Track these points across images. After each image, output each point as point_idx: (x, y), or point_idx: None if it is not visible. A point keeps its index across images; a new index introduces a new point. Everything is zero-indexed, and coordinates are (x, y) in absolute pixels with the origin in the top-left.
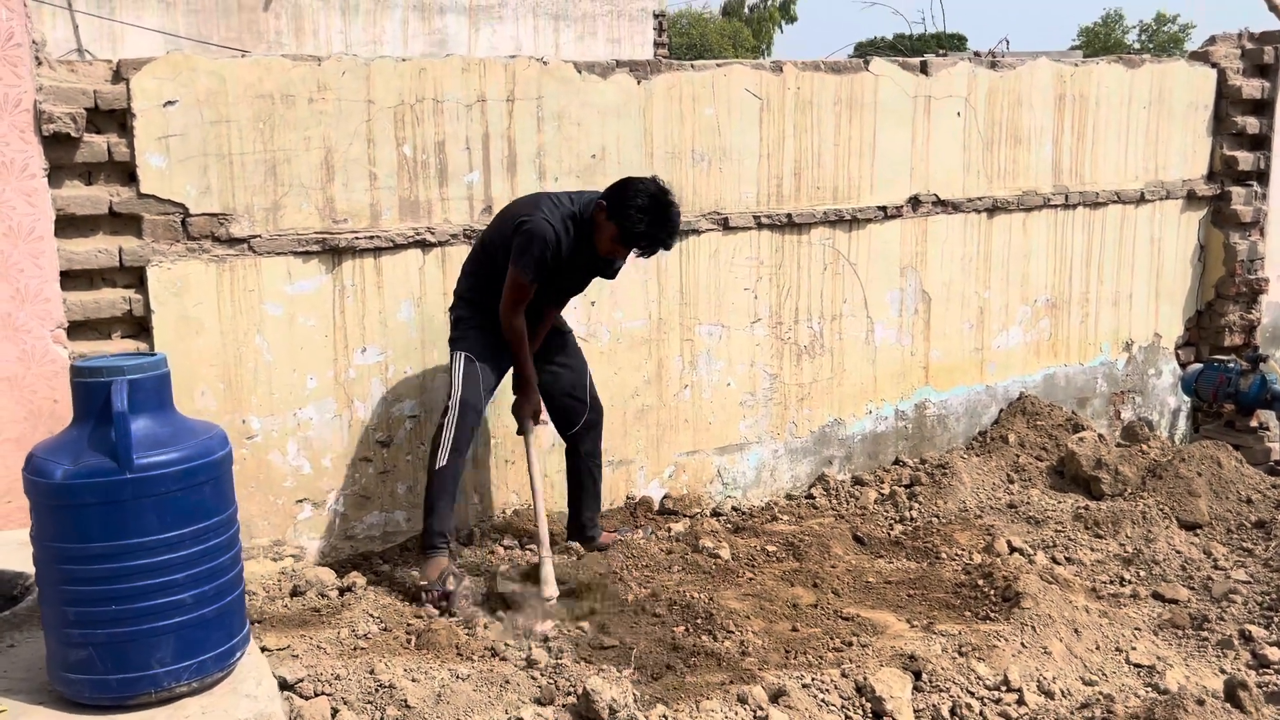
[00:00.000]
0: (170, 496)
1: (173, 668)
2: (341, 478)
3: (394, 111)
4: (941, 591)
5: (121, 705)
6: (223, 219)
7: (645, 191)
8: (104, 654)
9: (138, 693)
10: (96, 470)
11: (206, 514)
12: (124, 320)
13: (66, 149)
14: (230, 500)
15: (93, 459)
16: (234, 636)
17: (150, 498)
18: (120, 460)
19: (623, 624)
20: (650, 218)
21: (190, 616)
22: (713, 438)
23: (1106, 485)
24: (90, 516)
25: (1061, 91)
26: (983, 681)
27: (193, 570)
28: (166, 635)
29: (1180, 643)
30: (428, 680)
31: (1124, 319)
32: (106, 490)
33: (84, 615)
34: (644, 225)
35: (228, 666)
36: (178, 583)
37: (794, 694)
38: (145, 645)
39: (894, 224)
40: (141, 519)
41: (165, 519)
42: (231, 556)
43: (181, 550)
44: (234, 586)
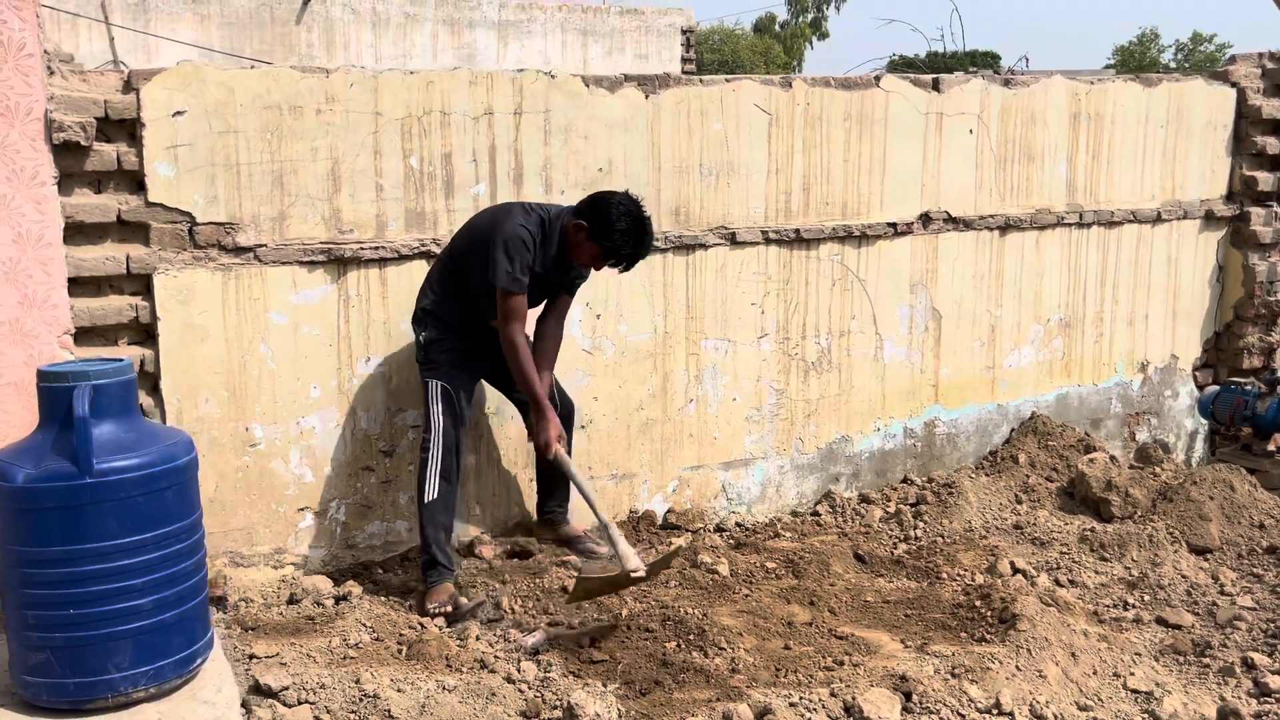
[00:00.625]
0: (131, 501)
1: (130, 673)
2: (343, 486)
3: (401, 123)
4: (939, 612)
5: (78, 710)
6: (229, 228)
7: (628, 214)
8: (62, 657)
9: (94, 697)
10: (56, 474)
11: (168, 520)
12: (130, 327)
13: (76, 157)
14: (194, 507)
15: (54, 463)
16: (195, 643)
17: (110, 502)
18: (80, 465)
19: (614, 639)
20: (634, 240)
21: (149, 622)
22: (718, 453)
23: (1116, 507)
24: (50, 520)
25: (1076, 110)
26: (974, 704)
27: (152, 576)
28: (124, 640)
29: (1181, 669)
30: (413, 691)
31: (1140, 339)
32: (66, 494)
33: (42, 619)
34: (629, 246)
35: (187, 673)
36: (136, 588)
37: (780, 712)
38: (103, 650)
39: (904, 241)
40: (100, 523)
41: (125, 524)
42: (194, 563)
43: (141, 555)
44: (195, 593)
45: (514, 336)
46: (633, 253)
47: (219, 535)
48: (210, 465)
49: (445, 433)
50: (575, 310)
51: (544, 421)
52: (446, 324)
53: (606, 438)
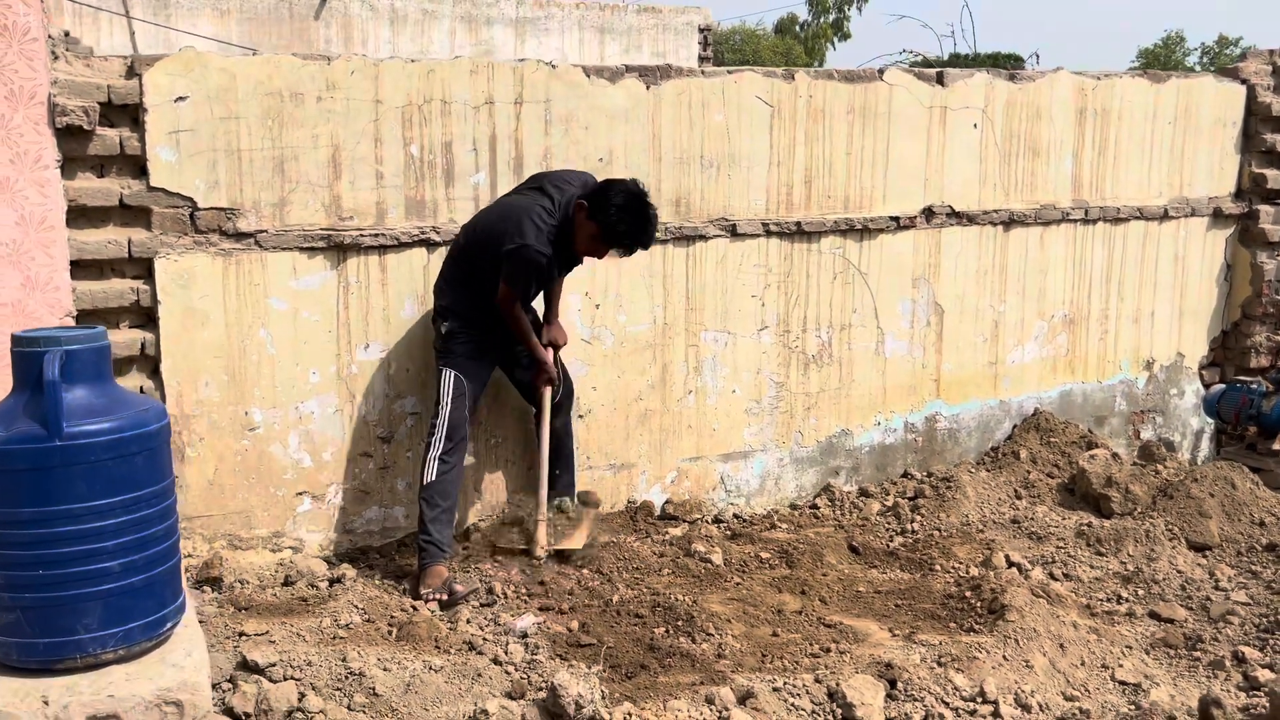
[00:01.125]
0: (100, 465)
1: (99, 634)
2: (342, 472)
3: (402, 111)
4: (929, 603)
5: (48, 669)
6: (230, 213)
7: (625, 191)
8: (31, 618)
9: (63, 657)
10: (27, 437)
11: (138, 484)
12: (131, 310)
13: (79, 141)
14: (165, 473)
15: (25, 426)
16: (165, 607)
17: (80, 465)
18: (50, 428)
19: (603, 623)
20: (631, 217)
21: (118, 585)
22: (717, 444)
23: (1116, 504)
24: (20, 482)
25: (1083, 105)
26: (959, 692)
27: (121, 539)
28: (94, 602)
29: (1171, 662)
30: (400, 670)
31: (1145, 337)
32: (36, 456)
33: (12, 579)
34: (625, 225)
35: (157, 636)
36: (106, 550)
37: (763, 697)
38: (72, 611)
39: (907, 234)
40: (70, 486)
41: (95, 487)
42: (165, 528)
43: (111, 519)
44: (166, 558)
45: (514, 311)
46: (629, 232)
47: (218, 518)
48: (209, 448)
49: (451, 420)
50: (574, 299)
51: (537, 371)
52: (464, 318)
53: (605, 427)
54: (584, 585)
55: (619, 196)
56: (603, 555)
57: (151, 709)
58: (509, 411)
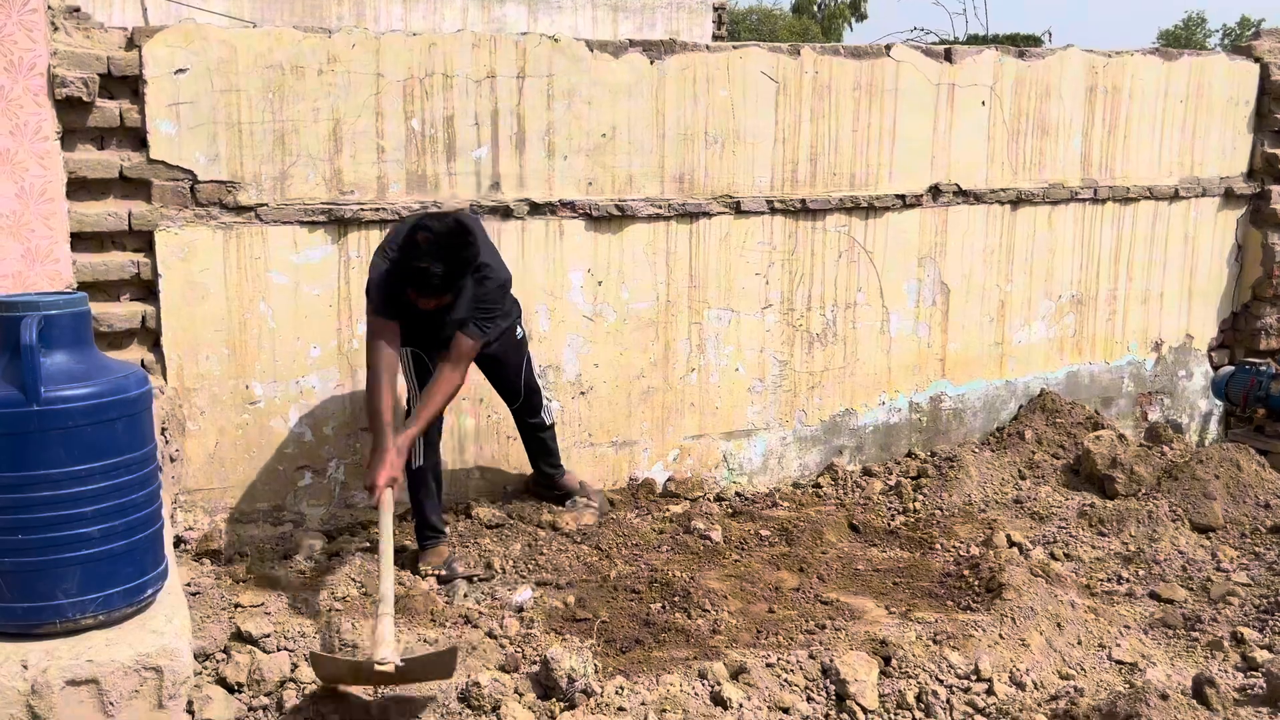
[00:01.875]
0: (78, 430)
1: (78, 599)
2: (342, 446)
3: (403, 85)
4: (927, 581)
5: (27, 634)
6: (230, 187)
7: (421, 225)
8: (10, 582)
9: (43, 622)
10: (4, 401)
11: (117, 450)
12: (132, 283)
13: (79, 113)
14: (147, 440)
15: (2, 390)
16: (145, 574)
17: (57, 430)
18: (28, 392)
19: (600, 598)
20: (427, 249)
21: (97, 550)
22: (719, 422)
23: (1121, 485)
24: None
25: (1093, 83)
26: (954, 670)
27: (100, 505)
28: (73, 567)
29: (1170, 642)
30: None
31: (1154, 318)
32: (13, 421)
33: None
34: (421, 260)
35: (138, 602)
36: (85, 516)
37: (756, 672)
38: (51, 576)
39: (913, 213)
40: (48, 451)
41: (73, 452)
42: (145, 495)
43: (89, 484)
44: (147, 524)
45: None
46: (418, 273)
47: (218, 491)
48: (210, 422)
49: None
50: (575, 276)
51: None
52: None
53: (607, 404)
54: (582, 560)
55: (409, 232)
56: (603, 531)
57: (131, 674)
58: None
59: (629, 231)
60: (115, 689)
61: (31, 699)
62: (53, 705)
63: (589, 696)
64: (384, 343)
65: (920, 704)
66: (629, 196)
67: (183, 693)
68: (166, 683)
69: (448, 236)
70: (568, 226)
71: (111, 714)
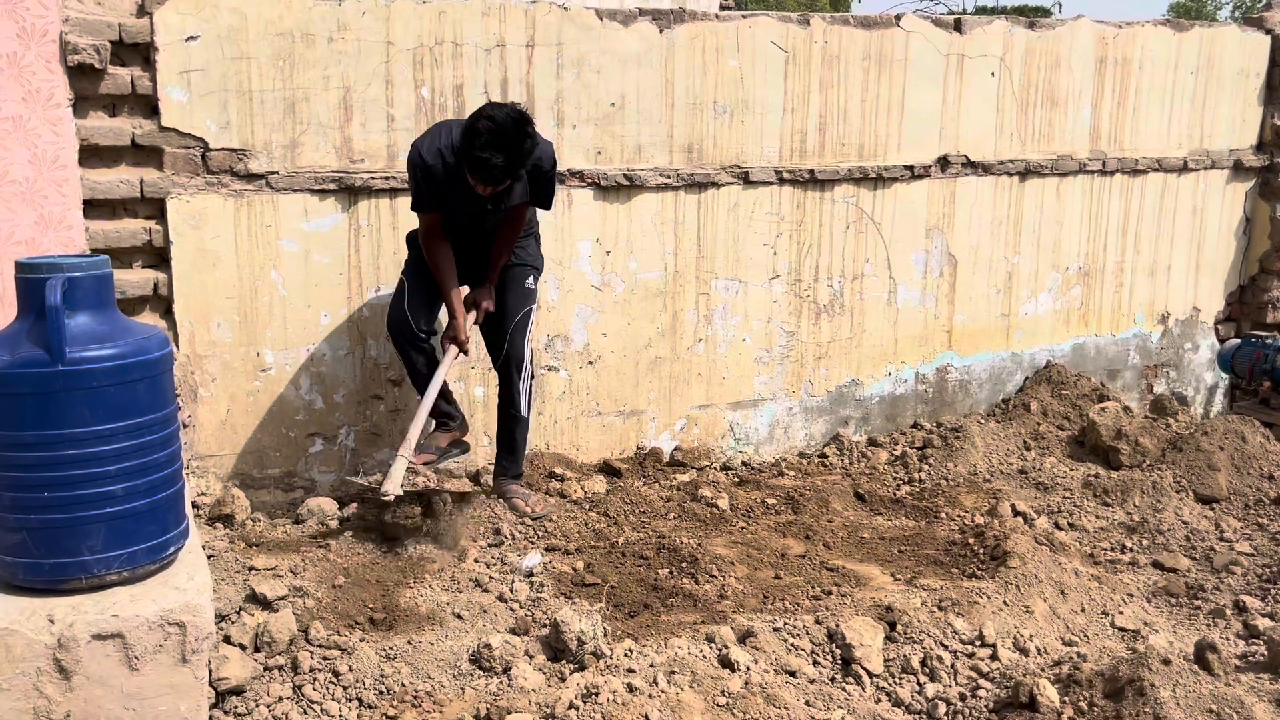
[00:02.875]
0: (102, 391)
1: (103, 556)
2: (353, 414)
3: (413, 54)
4: (933, 549)
5: (54, 589)
6: (241, 154)
7: (487, 115)
8: (37, 539)
9: (69, 577)
10: (30, 362)
11: (140, 411)
12: (144, 250)
13: (91, 80)
14: (168, 401)
15: (28, 351)
16: (168, 532)
17: (82, 390)
18: (53, 353)
19: (608, 563)
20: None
21: (121, 508)
22: (726, 392)
23: (1125, 456)
24: (24, 406)
25: (1103, 54)
26: (958, 635)
27: (124, 464)
28: (97, 524)
29: (1172, 610)
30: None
31: (1161, 291)
32: (39, 381)
33: (19, 500)
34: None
35: (160, 560)
36: (109, 474)
37: (763, 636)
38: (77, 532)
39: (921, 184)
40: (73, 411)
41: (97, 412)
42: (167, 455)
43: (113, 444)
44: (169, 484)
45: (427, 246)
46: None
47: (230, 457)
48: (222, 389)
49: (389, 321)
50: (584, 246)
51: (449, 323)
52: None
53: (615, 374)
54: (591, 527)
55: (481, 121)
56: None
57: (155, 629)
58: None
59: (637, 201)
60: (140, 643)
61: (58, 652)
62: (79, 659)
63: (599, 659)
64: (441, 232)
65: (925, 668)
66: (638, 166)
67: (205, 648)
68: (190, 638)
69: (512, 125)
70: (576, 196)
71: (136, 668)
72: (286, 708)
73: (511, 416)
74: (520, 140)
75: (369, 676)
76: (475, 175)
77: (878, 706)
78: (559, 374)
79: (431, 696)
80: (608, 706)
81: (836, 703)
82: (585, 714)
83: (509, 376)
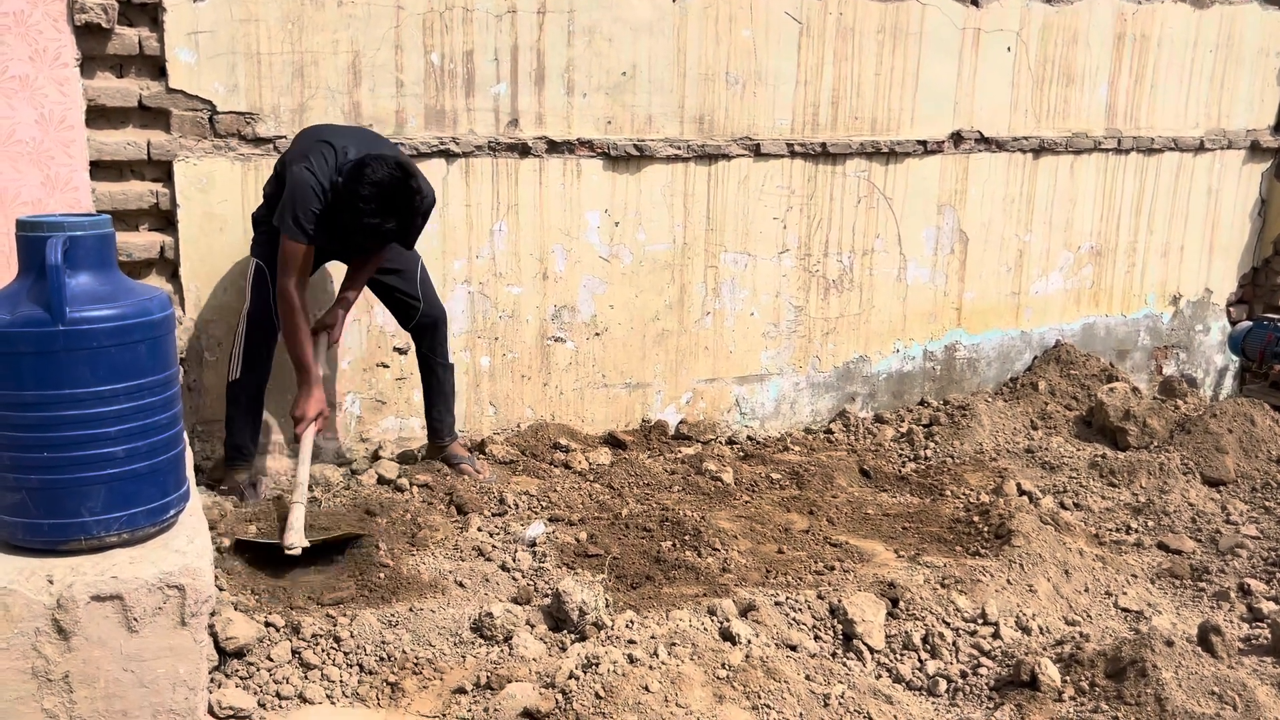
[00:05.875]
0: (103, 351)
1: (103, 517)
2: (359, 381)
3: (423, 18)
4: (937, 526)
5: (53, 549)
6: (249, 118)
7: (371, 180)
8: (37, 499)
9: (69, 538)
10: (31, 320)
11: (141, 372)
12: (150, 213)
13: (98, 40)
14: (169, 363)
15: (29, 310)
16: (169, 494)
17: (82, 350)
18: (54, 312)
19: (611, 535)
20: (376, 208)
21: (121, 470)
22: (733, 366)
23: (1133, 437)
24: (24, 365)
25: (1121, 30)
26: (960, 613)
27: (124, 425)
28: (97, 485)
29: (1176, 592)
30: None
31: (1173, 271)
32: (39, 340)
33: (18, 460)
34: (369, 217)
35: (161, 522)
36: (109, 435)
37: (764, 610)
38: (76, 493)
39: (934, 159)
40: (73, 370)
41: (98, 372)
42: (168, 417)
43: (114, 405)
44: (170, 446)
45: (286, 287)
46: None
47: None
48: (228, 354)
49: (250, 318)
50: (592, 216)
51: (300, 396)
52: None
53: (621, 346)
54: (594, 498)
55: (365, 187)
56: (614, 472)
57: (154, 591)
58: (523, 323)
59: (647, 172)
60: (139, 605)
61: (57, 612)
62: (78, 619)
63: (600, 629)
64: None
65: (926, 645)
66: (648, 136)
67: (204, 611)
68: (189, 601)
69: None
70: (585, 166)
71: (135, 630)
72: (288, 672)
73: (440, 365)
74: (409, 199)
75: (370, 643)
76: (368, 240)
77: (878, 682)
78: (565, 345)
79: (432, 664)
80: (608, 677)
81: (837, 677)
82: (585, 684)
83: (435, 329)
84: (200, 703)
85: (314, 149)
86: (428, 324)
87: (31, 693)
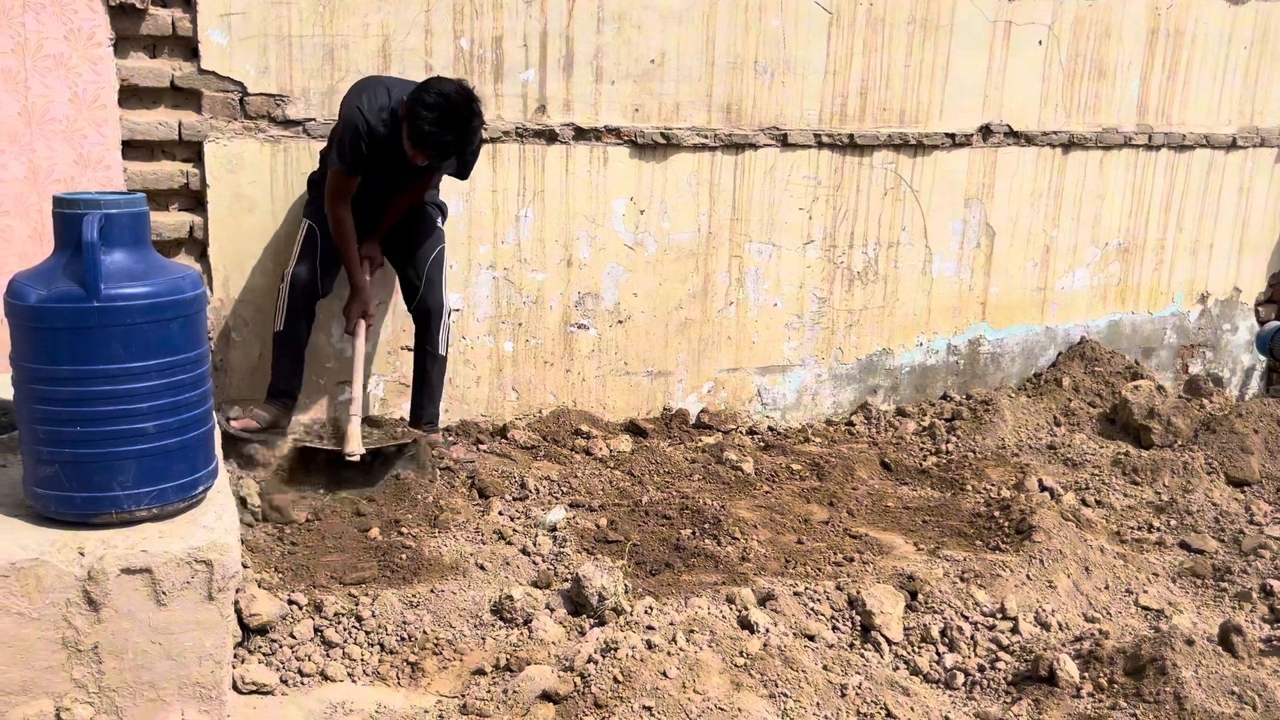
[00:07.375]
0: (136, 328)
1: (134, 491)
2: (382, 364)
3: (453, 4)
4: (957, 520)
5: (85, 522)
6: (279, 100)
7: (438, 90)
8: (70, 472)
9: (100, 511)
10: (66, 296)
11: (173, 349)
12: (180, 193)
13: (132, 20)
14: (199, 341)
15: (64, 286)
16: (198, 470)
17: (116, 327)
18: (89, 289)
19: (632, 521)
20: (437, 117)
21: (152, 445)
22: (755, 357)
23: (1157, 436)
24: (59, 340)
25: (1155, 25)
26: (980, 607)
27: (156, 401)
28: (129, 460)
29: (1198, 591)
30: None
31: (1201, 270)
32: (74, 316)
33: (52, 434)
34: (429, 125)
35: (190, 498)
36: (141, 411)
37: (783, 599)
38: (108, 467)
39: (962, 152)
40: (107, 347)
41: (131, 349)
42: (198, 395)
43: (145, 381)
44: (200, 423)
45: (336, 211)
46: (435, 134)
47: (260, 402)
48: (254, 333)
49: (294, 277)
50: (618, 204)
51: (350, 300)
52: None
53: (644, 334)
54: (615, 485)
55: (429, 95)
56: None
57: (183, 565)
58: (546, 309)
59: (673, 161)
60: (168, 579)
61: (87, 584)
62: (108, 591)
63: (619, 615)
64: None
65: (944, 638)
66: (675, 125)
67: (230, 587)
68: (216, 576)
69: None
70: (612, 153)
71: (163, 603)
72: (310, 649)
73: (429, 354)
74: (470, 118)
75: (391, 623)
76: (421, 149)
77: (895, 674)
78: (588, 332)
79: (453, 645)
80: (626, 662)
81: (854, 668)
82: (604, 668)
83: (430, 316)
84: (225, 677)
85: (366, 90)
86: (423, 310)
87: (61, 662)
